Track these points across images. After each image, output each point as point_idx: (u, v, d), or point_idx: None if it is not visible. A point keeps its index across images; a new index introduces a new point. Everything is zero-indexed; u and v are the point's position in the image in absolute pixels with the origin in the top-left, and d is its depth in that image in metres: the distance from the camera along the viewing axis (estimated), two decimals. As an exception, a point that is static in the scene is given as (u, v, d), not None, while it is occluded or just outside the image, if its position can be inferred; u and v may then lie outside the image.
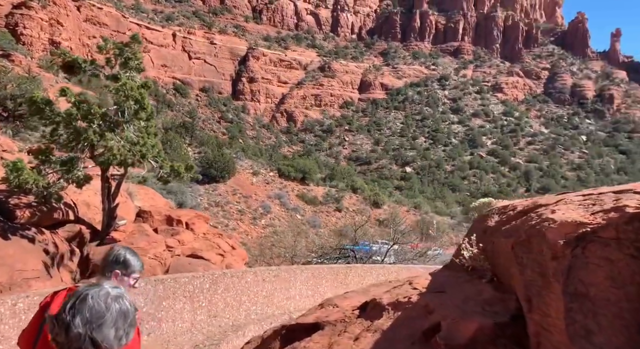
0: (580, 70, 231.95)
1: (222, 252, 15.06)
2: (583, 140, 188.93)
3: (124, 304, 2.00)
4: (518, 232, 3.42)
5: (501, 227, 4.07)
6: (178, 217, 16.67)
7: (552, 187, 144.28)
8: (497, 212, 4.74)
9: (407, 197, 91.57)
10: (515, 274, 3.39)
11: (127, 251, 3.77)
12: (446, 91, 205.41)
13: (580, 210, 3.15)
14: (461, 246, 4.56)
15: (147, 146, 13.81)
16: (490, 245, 4.23)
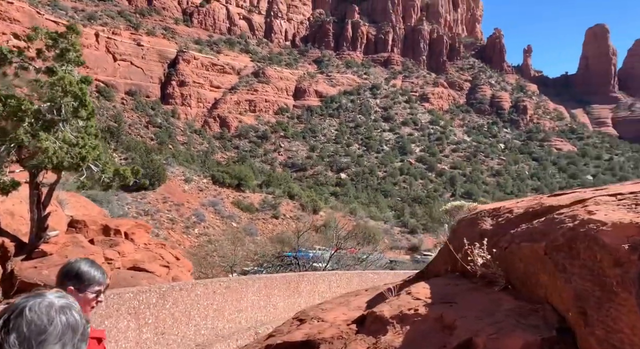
0: (498, 83, 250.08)
1: (166, 263, 13.96)
2: (501, 148, 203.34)
3: (71, 316, 1.69)
4: (550, 236, 3.20)
5: (509, 231, 3.87)
6: (116, 227, 15.23)
7: (474, 192, 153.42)
8: (488, 215, 4.56)
9: (342, 203, 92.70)
10: (551, 283, 3.15)
11: (82, 262, 3.18)
12: (378, 99, 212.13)
13: (623, 210, 2.95)
14: (468, 251, 4.29)
15: (87, 148, 12.41)
16: (500, 250, 4.00)
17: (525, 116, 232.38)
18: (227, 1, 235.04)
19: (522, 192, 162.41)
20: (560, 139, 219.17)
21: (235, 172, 75.85)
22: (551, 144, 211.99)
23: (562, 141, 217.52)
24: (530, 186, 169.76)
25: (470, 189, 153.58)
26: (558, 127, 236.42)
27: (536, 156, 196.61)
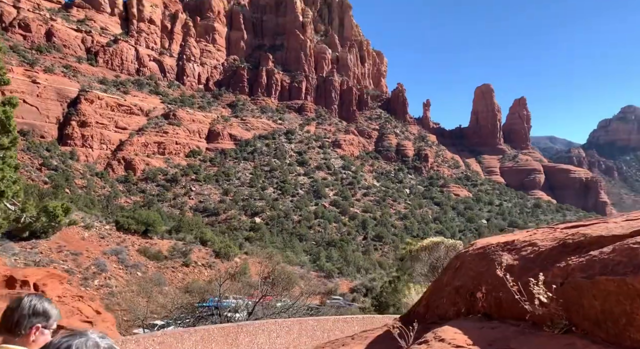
0: (402, 133, 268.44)
1: (86, 318, 11.72)
2: (407, 193, 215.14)
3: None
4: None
5: (550, 265, 3.45)
6: (24, 278, 12.55)
7: (384, 235, 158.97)
8: (502, 249, 4.17)
9: (258, 248, 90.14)
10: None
11: (41, 299, 3.02)
12: (292, 144, 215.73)
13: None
14: (528, 289, 3.66)
15: (6, 182, 10.24)
16: (558, 288, 3.48)
17: (426, 163, 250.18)
18: (136, 42, 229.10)
19: (427, 235, 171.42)
20: (457, 185, 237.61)
21: (142, 218, 70.69)
22: (450, 190, 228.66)
23: (459, 187, 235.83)
24: (434, 229, 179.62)
25: (380, 232, 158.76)
26: (455, 174, 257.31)
27: (437, 201, 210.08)
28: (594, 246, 3.30)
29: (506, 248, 4.18)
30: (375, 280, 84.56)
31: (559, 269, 3.48)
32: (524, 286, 3.58)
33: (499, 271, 3.83)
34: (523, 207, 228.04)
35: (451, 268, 5.38)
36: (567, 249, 3.46)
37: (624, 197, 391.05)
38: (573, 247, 3.44)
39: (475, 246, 5.05)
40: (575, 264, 3.36)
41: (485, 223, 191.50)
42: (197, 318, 28.44)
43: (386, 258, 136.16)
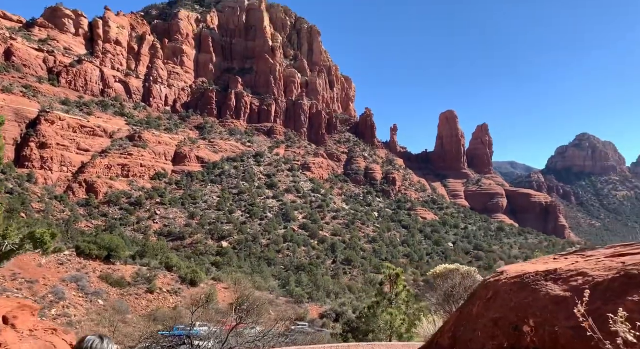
0: (371, 156, 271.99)
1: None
2: (375, 216, 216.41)
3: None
4: None
5: (615, 298, 3.10)
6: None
7: (354, 259, 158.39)
8: (545, 279, 3.83)
9: (225, 274, 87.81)
10: None
11: (104, 339, 3.07)
12: (261, 167, 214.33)
13: None
14: (602, 325, 3.22)
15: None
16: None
17: (394, 187, 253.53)
18: (101, 63, 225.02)
19: (396, 258, 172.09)
20: (424, 209, 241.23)
21: (104, 243, 67.74)
22: (417, 213, 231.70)
23: (426, 211, 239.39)
24: (402, 252, 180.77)
25: (350, 256, 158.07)
26: (422, 198, 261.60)
27: (405, 224, 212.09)
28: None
29: (549, 278, 3.88)
30: (345, 305, 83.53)
31: (634, 303, 3.13)
32: (594, 322, 3.19)
33: (541, 304, 3.51)
34: (487, 230, 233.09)
35: (481, 298, 4.99)
36: (635, 281, 3.15)
37: (581, 221, 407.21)
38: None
39: (508, 275, 4.74)
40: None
41: (452, 246, 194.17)
42: (167, 348, 26.92)
43: (355, 282, 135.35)
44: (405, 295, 19.01)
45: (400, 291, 19.00)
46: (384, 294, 18.91)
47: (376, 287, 20.58)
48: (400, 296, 18.93)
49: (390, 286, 19.21)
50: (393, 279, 19.10)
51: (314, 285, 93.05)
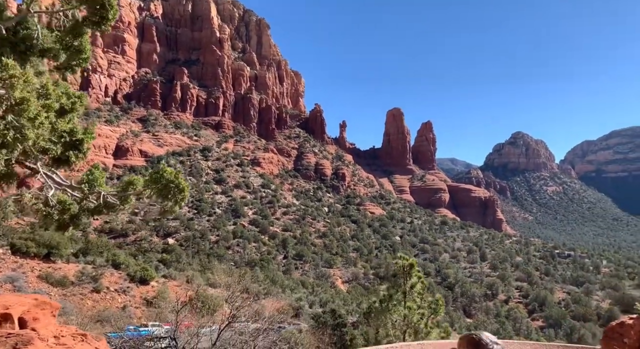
0: (321, 152, 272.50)
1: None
2: (325, 211, 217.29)
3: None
4: None
5: None
6: (4, 310, 8.78)
7: (305, 254, 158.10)
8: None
9: (176, 271, 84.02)
10: None
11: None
12: (209, 162, 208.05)
13: None
14: None
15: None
16: None
17: (344, 182, 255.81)
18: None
19: (346, 252, 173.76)
20: (372, 204, 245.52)
21: (43, 240, 62.35)
22: (366, 208, 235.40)
23: (374, 206, 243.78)
24: (352, 246, 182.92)
25: (301, 251, 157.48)
26: (370, 193, 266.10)
27: (354, 219, 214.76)
28: None
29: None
30: (302, 299, 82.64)
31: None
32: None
33: None
34: (431, 224, 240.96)
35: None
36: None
37: (516, 215, 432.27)
38: None
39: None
40: None
41: (398, 240, 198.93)
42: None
43: (307, 277, 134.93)
44: (420, 287, 18.03)
45: (415, 283, 18.02)
46: (398, 286, 17.85)
47: (390, 280, 19.01)
48: (416, 288, 17.94)
49: (403, 277, 18.16)
50: (407, 271, 18.11)
51: (270, 280, 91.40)
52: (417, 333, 16.36)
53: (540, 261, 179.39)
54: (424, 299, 17.50)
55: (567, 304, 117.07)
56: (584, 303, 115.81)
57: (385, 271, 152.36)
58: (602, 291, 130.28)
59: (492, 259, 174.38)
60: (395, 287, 17.59)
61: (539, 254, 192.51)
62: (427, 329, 16.53)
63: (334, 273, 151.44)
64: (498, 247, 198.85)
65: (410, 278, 17.68)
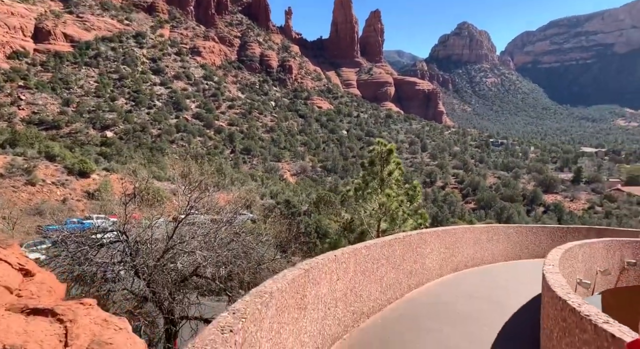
0: (266, 42, 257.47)
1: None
2: (272, 105, 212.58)
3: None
4: None
5: None
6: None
7: (253, 148, 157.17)
8: None
9: (118, 164, 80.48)
10: None
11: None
12: (144, 49, 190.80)
13: None
14: None
15: None
16: None
17: (291, 75, 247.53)
18: None
19: (294, 146, 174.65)
20: (320, 98, 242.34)
21: (-40, 130, 56.16)
22: (313, 102, 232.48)
23: (321, 100, 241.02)
24: (300, 141, 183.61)
25: (249, 145, 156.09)
26: (318, 87, 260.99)
27: (302, 113, 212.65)
28: None
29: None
30: (252, 191, 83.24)
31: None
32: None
33: None
34: (377, 118, 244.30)
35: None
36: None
37: (455, 107, 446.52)
38: None
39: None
40: None
41: (345, 134, 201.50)
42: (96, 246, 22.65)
43: (256, 170, 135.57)
44: (397, 174, 16.94)
45: (393, 169, 16.87)
46: (375, 173, 16.68)
47: (367, 168, 17.60)
48: (394, 175, 16.85)
49: (381, 164, 16.92)
50: (384, 157, 16.87)
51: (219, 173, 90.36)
52: (394, 221, 15.78)
53: (475, 149, 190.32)
54: (401, 187, 16.63)
55: (497, 187, 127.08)
56: (512, 186, 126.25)
57: (333, 164, 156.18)
58: (528, 174, 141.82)
59: (432, 150, 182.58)
60: (371, 174, 16.51)
61: (475, 144, 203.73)
62: (404, 216, 15.94)
63: (283, 166, 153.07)
64: (438, 138, 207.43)
65: (388, 165, 16.57)
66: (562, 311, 4.80)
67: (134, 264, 12.07)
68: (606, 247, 10.12)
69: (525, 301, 8.78)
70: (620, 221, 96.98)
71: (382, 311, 6.84)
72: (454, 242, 10.63)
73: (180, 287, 12.96)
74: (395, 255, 7.60)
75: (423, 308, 7.17)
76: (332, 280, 5.59)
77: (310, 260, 5.40)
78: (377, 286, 7.04)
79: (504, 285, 9.74)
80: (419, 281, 8.43)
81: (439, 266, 9.58)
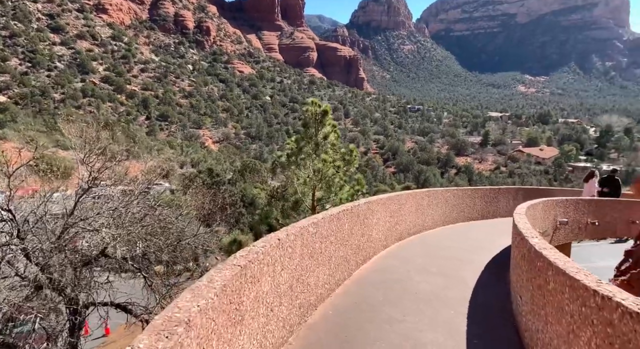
0: (180, 1, 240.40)
1: None
2: (190, 69, 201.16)
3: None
4: None
5: None
6: None
7: (170, 114, 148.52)
8: None
9: (12, 131, 71.61)
10: None
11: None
12: (38, 4, 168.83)
13: None
14: None
15: None
16: None
17: (209, 37, 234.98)
18: None
19: (215, 113, 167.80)
20: (241, 62, 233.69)
21: None
22: (234, 66, 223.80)
23: (242, 64, 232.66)
24: (221, 107, 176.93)
25: (165, 111, 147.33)
26: (238, 50, 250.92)
27: (223, 78, 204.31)
28: None
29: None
30: (171, 160, 78.64)
31: None
32: None
33: None
34: (301, 83, 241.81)
35: None
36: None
37: (375, 73, 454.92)
38: None
39: None
40: None
41: (269, 100, 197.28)
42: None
43: (175, 138, 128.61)
44: (333, 137, 15.56)
45: (329, 132, 15.45)
46: (309, 137, 15.15)
47: (298, 131, 15.77)
48: (329, 139, 15.45)
49: (315, 127, 15.42)
50: (319, 119, 15.37)
51: (132, 141, 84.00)
52: (330, 188, 14.65)
53: (394, 115, 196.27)
54: (337, 151, 15.43)
55: (415, 151, 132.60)
56: (428, 150, 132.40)
57: (257, 131, 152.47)
58: (442, 138, 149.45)
59: (354, 116, 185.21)
60: (305, 138, 15.10)
61: (394, 110, 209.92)
62: (340, 183, 14.87)
63: (204, 133, 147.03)
64: (360, 105, 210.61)
65: (324, 127, 15.24)
66: (528, 251, 5.02)
67: (24, 247, 10.16)
68: (544, 208, 9.92)
69: (479, 270, 8.18)
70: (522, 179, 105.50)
71: (331, 297, 5.68)
72: (398, 209, 9.86)
73: (84, 270, 11.23)
74: (343, 229, 6.50)
75: (376, 289, 6.15)
76: (275, 272, 4.25)
77: (247, 250, 3.97)
78: (326, 268, 5.91)
79: (454, 254, 9.11)
80: (366, 256, 7.42)
81: (384, 236, 8.70)
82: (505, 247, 11.07)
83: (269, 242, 4.14)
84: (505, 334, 5.37)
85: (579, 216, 13.58)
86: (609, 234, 16.52)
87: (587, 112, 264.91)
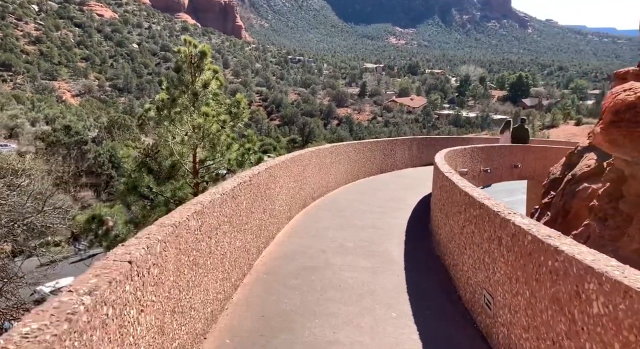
0: None
1: None
2: (36, 10, 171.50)
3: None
4: None
5: None
6: None
7: (15, 63, 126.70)
8: None
9: None
10: None
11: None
12: None
13: None
14: None
15: None
16: None
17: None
18: None
19: (72, 62, 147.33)
20: (99, 4, 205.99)
21: None
22: (91, 9, 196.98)
23: (102, 7, 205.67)
24: (80, 55, 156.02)
25: (8, 59, 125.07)
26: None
27: (78, 22, 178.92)
28: None
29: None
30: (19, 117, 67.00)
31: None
32: None
33: None
34: (172, 30, 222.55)
35: None
36: None
37: (253, 22, 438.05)
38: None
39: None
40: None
41: (137, 48, 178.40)
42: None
43: (23, 91, 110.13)
44: (215, 85, 12.61)
45: (209, 79, 12.46)
46: (184, 85, 12.07)
47: (170, 76, 12.28)
48: (211, 87, 12.50)
49: (192, 73, 12.34)
50: (195, 63, 12.32)
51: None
52: (215, 147, 12.09)
53: (276, 66, 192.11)
54: (221, 103, 12.78)
55: (298, 103, 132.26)
56: (311, 102, 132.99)
57: (125, 82, 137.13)
58: (323, 90, 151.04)
59: (234, 67, 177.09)
60: (179, 87, 12.16)
61: (275, 60, 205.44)
62: (227, 141, 12.42)
63: (60, 85, 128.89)
64: (239, 55, 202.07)
65: (202, 73, 12.44)
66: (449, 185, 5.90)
67: None
68: (449, 159, 9.13)
69: (402, 239, 6.93)
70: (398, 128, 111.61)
71: (226, 309, 3.73)
72: (302, 171, 8.18)
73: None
74: (241, 210, 4.57)
75: (288, 288, 4.42)
76: (123, 334, 2.16)
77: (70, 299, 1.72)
78: (218, 272, 3.97)
79: (369, 221, 7.74)
80: (269, 236, 5.60)
81: (288, 207, 6.99)
82: (419, 202, 10.21)
83: (106, 283, 1.76)
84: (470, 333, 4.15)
85: (474, 165, 13.41)
86: (496, 179, 16.85)
87: (449, 63, 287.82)
